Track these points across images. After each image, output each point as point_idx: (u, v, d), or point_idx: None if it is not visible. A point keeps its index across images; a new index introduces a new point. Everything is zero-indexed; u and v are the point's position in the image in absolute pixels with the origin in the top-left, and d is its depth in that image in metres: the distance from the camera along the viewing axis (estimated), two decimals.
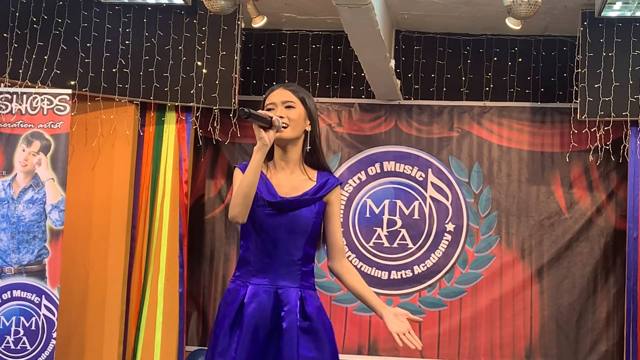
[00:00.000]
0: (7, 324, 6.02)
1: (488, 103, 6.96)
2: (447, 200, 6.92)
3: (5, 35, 6.36)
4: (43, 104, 6.21)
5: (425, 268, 6.87)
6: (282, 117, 3.04)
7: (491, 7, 6.26)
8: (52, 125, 6.19)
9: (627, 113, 6.26)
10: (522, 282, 6.80)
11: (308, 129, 3.12)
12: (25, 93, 6.24)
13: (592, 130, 6.41)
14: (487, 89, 6.96)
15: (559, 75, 6.89)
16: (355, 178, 7.01)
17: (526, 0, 5.37)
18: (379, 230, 6.94)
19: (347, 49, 6.65)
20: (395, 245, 6.91)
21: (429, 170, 6.95)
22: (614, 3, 5.88)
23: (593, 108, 6.27)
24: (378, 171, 7.01)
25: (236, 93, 6.47)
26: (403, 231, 6.91)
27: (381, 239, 6.92)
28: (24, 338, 6.01)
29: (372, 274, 6.88)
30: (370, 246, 6.93)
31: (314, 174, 3.14)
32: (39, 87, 6.30)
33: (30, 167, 6.18)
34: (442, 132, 6.98)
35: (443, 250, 6.87)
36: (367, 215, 6.98)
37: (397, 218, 6.94)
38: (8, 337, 6.01)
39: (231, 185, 5.07)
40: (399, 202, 6.95)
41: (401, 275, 6.89)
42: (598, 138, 6.49)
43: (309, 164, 3.16)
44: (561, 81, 6.88)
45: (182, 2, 6.36)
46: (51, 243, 6.09)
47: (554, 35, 6.91)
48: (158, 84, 6.49)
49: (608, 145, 6.54)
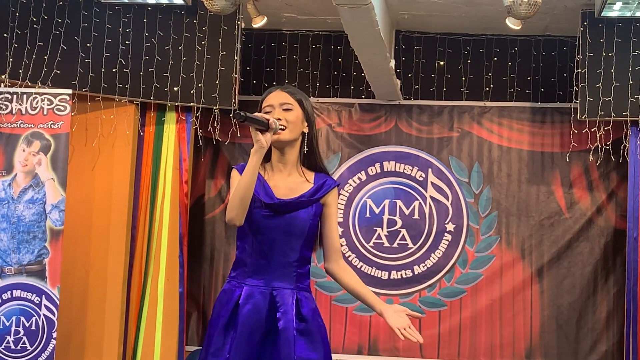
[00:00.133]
0: (7, 324, 6.02)
1: (488, 103, 6.96)
2: (447, 200, 6.92)
3: (5, 35, 6.36)
4: (43, 104, 6.21)
5: (425, 268, 6.87)
6: (280, 120, 3.03)
7: (491, 7, 6.26)
8: (52, 125, 6.19)
9: (627, 113, 6.26)
10: (522, 282, 6.80)
11: (305, 131, 3.12)
12: (25, 93, 6.24)
13: (592, 130, 6.41)
14: (487, 89, 6.96)
15: (559, 75, 6.89)
16: (355, 178, 7.01)
17: (526, 0, 5.37)
18: (379, 230, 6.94)
19: (347, 49, 6.65)
20: (395, 245, 6.91)
21: (429, 170, 6.95)
22: (614, 3, 5.88)
23: (593, 108, 6.27)
24: (378, 171, 7.01)
25: (236, 93, 6.47)
26: (403, 231, 6.91)
27: (381, 239, 6.92)
28: (24, 338, 6.01)
29: (372, 274, 6.88)
30: (370, 246, 6.93)
31: (312, 176, 3.14)
32: (39, 87, 6.30)
33: (30, 167, 6.18)
34: (442, 132, 6.98)
35: (443, 250, 6.87)
36: (367, 215, 6.98)
37: (397, 218, 6.94)
38: (8, 337, 6.01)
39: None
40: (399, 202, 6.95)
41: (401, 275, 6.89)
42: (598, 138, 6.49)
43: (307, 166, 3.15)
44: (561, 81, 6.88)
45: (182, 2, 6.36)
46: (51, 243, 6.09)
47: (554, 35, 6.91)
48: (158, 84, 6.49)
49: (608, 145, 6.53)
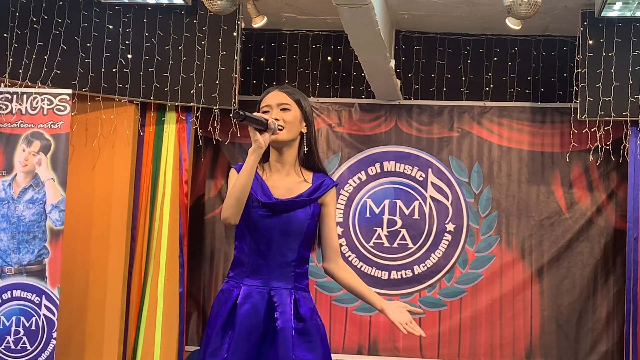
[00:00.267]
0: (7, 324, 6.02)
1: (488, 103, 6.96)
2: (447, 200, 6.92)
3: (5, 35, 6.36)
4: (43, 104, 6.21)
5: (425, 268, 6.87)
6: (278, 120, 3.03)
7: (491, 7, 6.26)
8: (52, 125, 6.19)
9: (627, 113, 6.26)
10: (522, 282, 6.80)
11: (304, 131, 3.12)
12: (25, 93, 6.24)
13: (592, 130, 6.41)
14: (487, 89, 6.96)
15: (559, 75, 6.89)
16: (355, 178, 7.01)
17: (526, 0, 5.37)
18: (379, 230, 6.94)
19: (347, 49, 6.65)
20: (395, 245, 6.91)
21: (429, 170, 6.95)
22: (614, 3, 5.88)
23: (593, 108, 6.27)
24: (378, 171, 7.01)
25: (236, 93, 6.47)
26: (403, 231, 6.91)
27: (381, 239, 6.92)
28: (24, 338, 6.01)
29: (372, 274, 6.88)
30: (370, 246, 6.93)
31: (310, 176, 3.13)
32: (39, 87, 6.30)
33: (30, 167, 6.18)
34: (442, 132, 6.98)
35: (443, 250, 6.87)
36: (367, 215, 6.98)
37: (397, 218, 6.94)
38: (8, 337, 6.01)
39: None
40: (399, 202, 6.95)
41: (401, 275, 6.89)
42: (598, 138, 6.49)
43: (305, 166, 3.15)
44: (561, 81, 6.88)
45: (182, 2, 6.36)
46: (51, 243, 6.09)
47: (554, 35, 6.91)
48: (158, 84, 6.49)
49: (608, 145, 6.53)
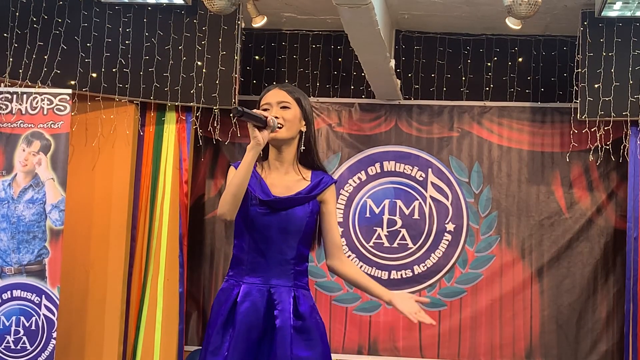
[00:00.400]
0: (7, 324, 6.02)
1: (488, 103, 6.96)
2: (447, 200, 6.91)
3: (5, 35, 6.36)
4: (43, 104, 6.21)
5: (425, 268, 6.87)
6: (277, 118, 3.03)
7: (491, 7, 6.26)
8: (52, 125, 6.19)
9: (627, 113, 6.26)
10: (522, 282, 6.80)
11: (303, 130, 3.11)
12: (25, 93, 6.24)
13: (592, 130, 6.41)
14: (487, 89, 6.96)
15: (559, 75, 6.89)
16: (355, 178, 7.01)
17: (526, 0, 5.37)
18: (379, 230, 6.94)
19: (347, 49, 6.65)
20: (395, 245, 6.91)
21: (429, 170, 6.95)
22: (614, 3, 5.88)
23: (593, 108, 6.27)
24: (378, 171, 7.01)
25: (236, 93, 6.47)
26: (403, 231, 6.91)
27: (381, 239, 6.92)
28: (24, 338, 6.01)
29: (372, 274, 6.87)
30: (370, 246, 6.93)
31: (308, 174, 3.13)
32: (39, 87, 6.30)
33: (30, 167, 6.18)
34: (442, 132, 6.98)
35: (443, 250, 6.87)
36: (367, 215, 6.97)
37: (397, 218, 6.93)
38: (8, 337, 6.01)
39: None
40: (399, 202, 6.95)
41: (401, 275, 6.89)
42: (598, 138, 6.48)
43: (304, 164, 3.15)
44: (561, 81, 6.88)
45: (182, 2, 6.36)
46: (51, 243, 6.09)
47: (554, 35, 6.91)
48: (158, 84, 6.49)
49: (608, 145, 6.53)
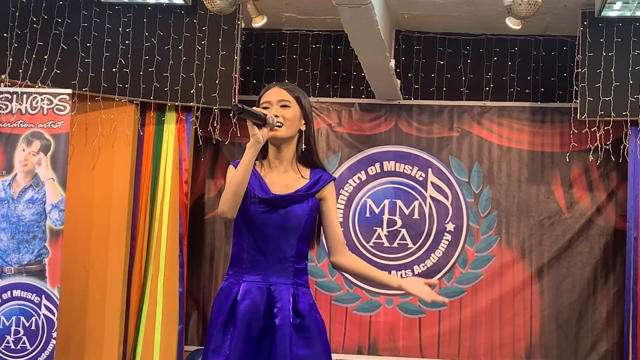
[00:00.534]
0: (7, 324, 6.02)
1: (488, 103, 6.96)
2: (447, 200, 6.91)
3: (5, 35, 6.36)
4: (43, 104, 6.21)
5: (425, 268, 6.87)
6: (277, 116, 3.03)
7: (491, 7, 6.26)
8: (52, 125, 6.19)
9: (627, 113, 6.26)
10: (522, 282, 6.80)
11: (303, 129, 3.11)
12: (25, 93, 6.24)
13: (592, 130, 6.41)
14: (487, 89, 6.96)
15: (559, 75, 6.89)
16: (355, 178, 7.01)
17: (526, 0, 5.37)
18: (379, 230, 6.94)
19: (347, 49, 6.65)
20: (395, 245, 6.91)
21: (429, 170, 6.95)
22: (614, 3, 5.88)
23: (593, 108, 6.27)
24: (378, 171, 7.01)
25: (236, 93, 6.47)
26: (403, 231, 6.91)
27: (381, 239, 6.92)
28: (24, 338, 6.01)
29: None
30: (370, 246, 6.93)
31: (307, 172, 3.13)
32: (39, 87, 6.30)
33: (30, 167, 6.18)
34: (442, 132, 6.98)
35: (443, 250, 6.87)
36: (367, 215, 6.97)
37: (397, 218, 6.93)
38: (8, 337, 6.01)
39: None
40: (399, 202, 6.95)
41: (401, 275, 6.89)
42: (598, 138, 6.49)
43: (303, 163, 3.15)
44: (561, 81, 6.88)
45: (182, 2, 6.36)
46: (51, 243, 6.09)
47: (554, 35, 6.91)
48: (158, 84, 6.49)
49: (608, 145, 6.53)
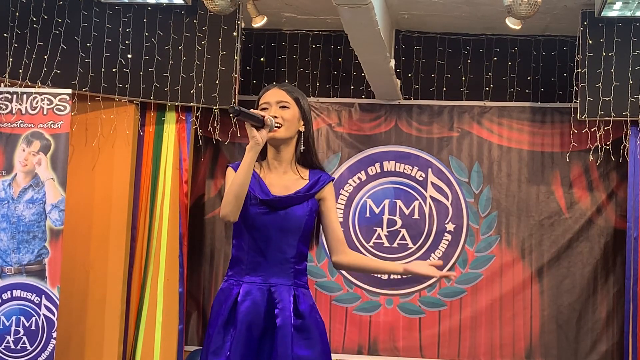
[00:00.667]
0: (7, 324, 6.02)
1: (488, 103, 6.96)
2: (447, 200, 6.91)
3: (5, 35, 6.36)
4: (43, 104, 6.21)
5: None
6: (276, 117, 3.03)
7: (491, 7, 6.26)
8: (52, 125, 6.19)
9: (627, 113, 6.26)
10: (522, 282, 6.80)
11: (302, 130, 3.12)
12: (25, 93, 6.24)
13: (592, 130, 6.41)
14: (487, 89, 6.96)
15: (559, 75, 6.89)
16: (355, 178, 7.01)
17: (526, 0, 5.37)
18: (379, 230, 6.93)
19: (347, 49, 6.65)
20: (395, 245, 6.90)
21: (429, 170, 6.95)
22: (614, 3, 5.88)
23: (593, 108, 6.27)
24: (378, 171, 7.00)
25: (236, 93, 6.47)
26: (403, 231, 6.91)
27: (381, 239, 6.92)
28: (24, 338, 6.01)
29: (372, 274, 6.88)
30: (370, 246, 6.92)
31: (306, 173, 3.14)
32: (39, 87, 6.30)
33: (30, 167, 6.18)
34: (442, 132, 6.98)
35: (443, 250, 6.86)
36: (367, 215, 6.97)
37: (397, 218, 6.93)
38: (8, 337, 6.01)
39: None
40: (399, 202, 6.95)
41: (401, 275, 6.87)
42: (598, 138, 6.49)
43: (302, 164, 3.15)
44: (561, 81, 6.88)
45: (182, 2, 6.36)
46: (51, 243, 6.09)
47: (554, 35, 6.91)
48: (158, 84, 6.49)
49: (608, 145, 6.53)
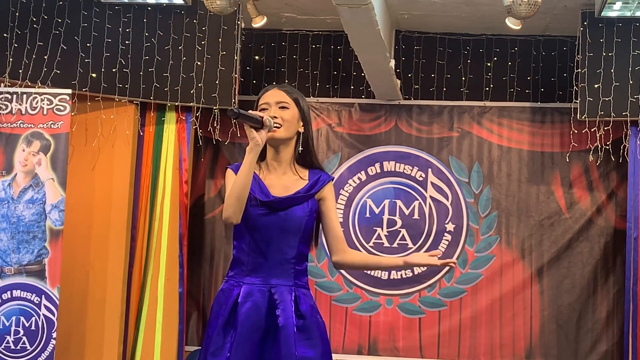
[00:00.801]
0: (7, 324, 6.02)
1: (488, 103, 6.96)
2: (447, 200, 6.91)
3: (5, 35, 6.36)
4: (43, 104, 6.21)
5: (425, 268, 6.85)
6: (276, 118, 3.03)
7: (491, 7, 6.26)
8: (52, 125, 6.19)
9: (627, 113, 6.26)
10: (522, 282, 6.80)
11: (301, 130, 3.12)
12: (25, 93, 6.24)
13: (592, 130, 6.41)
14: (487, 89, 6.96)
15: (559, 75, 6.89)
16: (355, 178, 7.01)
17: (526, 0, 5.37)
18: (379, 230, 6.93)
19: (347, 49, 6.65)
20: (395, 245, 6.90)
21: (429, 170, 6.95)
22: (614, 3, 5.88)
23: (593, 108, 6.27)
24: (378, 171, 7.01)
25: (236, 93, 6.47)
26: (403, 231, 6.91)
27: (381, 239, 6.92)
28: (24, 338, 6.01)
29: (372, 274, 6.88)
30: (370, 246, 6.92)
31: (306, 173, 3.14)
32: (39, 87, 6.30)
33: (30, 167, 6.18)
34: (442, 132, 6.98)
35: (443, 250, 6.86)
36: (367, 215, 6.97)
37: (397, 218, 6.93)
38: (8, 337, 6.01)
39: None
40: (399, 202, 6.95)
41: (401, 275, 6.89)
42: (598, 138, 6.49)
43: (302, 164, 3.15)
44: (561, 81, 6.88)
45: (182, 2, 6.36)
46: (51, 243, 6.09)
47: (554, 35, 6.91)
48: (158, 84, 6.49)
49: (608, 145, 6.53)
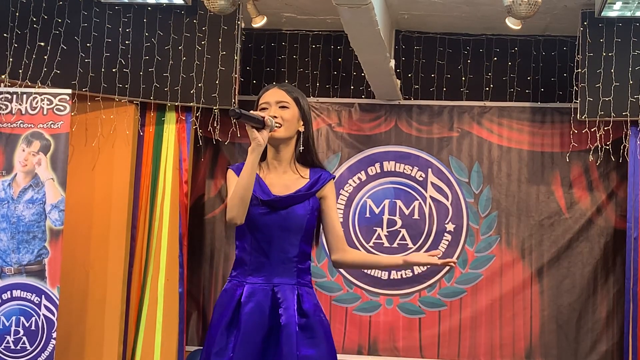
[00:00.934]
0: (7, 324, 6.02)
1: (488, 103, 6.96)
2: (447, 200, 6.91)
3: (5, 35, 6.36)
4: (43, 104, 6.21)
5: (425, 268, 6.86)
6: (276, 117, 3.04)
7: (491, 7, 6.26)
8: (52, 125, 6.19)
9: (627, 113, 6.26)
10: (522, 282, 6.80)
11: (301, 130, 3.12)
12: (25, 93, 6.24)
13: (592, 130, 6.41)
14: (487, 89, 6.96)
15: (559, 75, 6.89)
16: (355, 178, 7.01)
17: (526, 0, 5.37)
18: (379, 230, 6.94)
19: (347, 49, 6.65)
20: (395, 245, 6.90)
21: (429, 170, 6.95)
22: (614, 3, 5.88)
23: (593, 108, 6.27)
24: (378, 171, 7.01)
25: (236, 93, 6.47)
26: (403, 231, 6.91)
27: (381, 239, 6.92)
28: (24, 338, 6.01)
29: (372, 274, 6.88)
30: (370, 246, 6.92)
31: (306, 172, 3.14)
32: (39, 87, 6.30)
33: (30, 167, 6.18)
34: (442, 132, 6.98)
35: (443, 250, 6.85)
36: (367, 215, 6.97)
37: (397, 218, 6.93)
38: (8, 337, 6.01)
39: None
40: (399, 202, 6.95)
41: (401, 275, 6.89)
42: (598, 138, 6.49)
43: (302, 163, 3.16)
44: (561, 81, 6.88)
45: (182, 2, 6.36)
46: (51, 243, 6.09)
47: (554, 35, 6.91)
48: (158, 84, 6.49)
49: (608, 145, 6.53)
